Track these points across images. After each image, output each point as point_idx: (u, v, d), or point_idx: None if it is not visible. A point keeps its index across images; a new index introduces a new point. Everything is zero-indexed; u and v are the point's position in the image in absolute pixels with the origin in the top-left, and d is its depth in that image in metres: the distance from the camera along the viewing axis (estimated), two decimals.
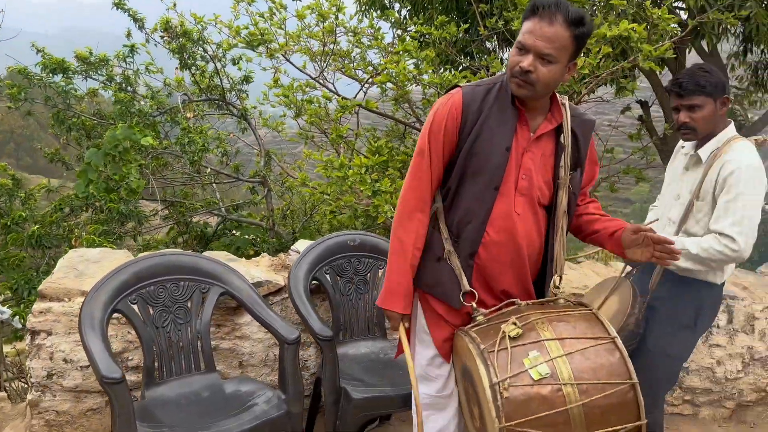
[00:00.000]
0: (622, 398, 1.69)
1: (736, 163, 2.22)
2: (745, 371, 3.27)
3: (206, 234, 6.49)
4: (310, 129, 5.99)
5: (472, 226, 1.91)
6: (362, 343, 2.75)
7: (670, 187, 2.54)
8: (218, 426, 2.05)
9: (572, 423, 1.66)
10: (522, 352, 1.73)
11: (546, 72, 1.76)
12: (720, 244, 2.23)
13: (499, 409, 1.67)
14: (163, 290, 2.32)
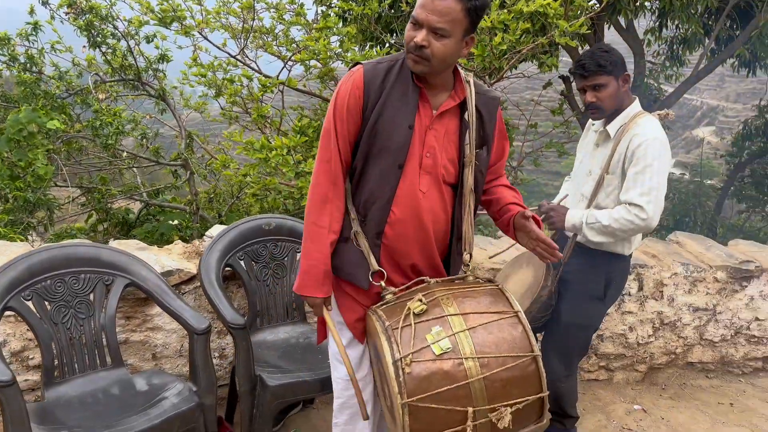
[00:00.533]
0: (524, 371, 1.71)
1: (643, 137, 2.30)
2: (656, 336, 3.41)
3: (128, 221, 6.23)
4: (232, 109, 5.81)
5: (377, 205, 1.88)
6: (281, 329, 2.70)
7: (582, 164, 2.60)
8: (124, 423, 1.96)
9: (473, 397, 1.67)
10: (425, 328, 1.73)
11: (440, 46, 1.73)
12: (630, 214, 2.31)
13: (401, 385, 1.66)
14: (62, 284, 2.19)
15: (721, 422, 3.11)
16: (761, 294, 3.52)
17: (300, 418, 2.84)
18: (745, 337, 3.56)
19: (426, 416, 1.69)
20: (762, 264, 3.51)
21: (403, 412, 1.67)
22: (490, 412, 1.69)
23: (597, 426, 2.98)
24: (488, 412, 1.69)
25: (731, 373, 3.61)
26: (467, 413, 1.68)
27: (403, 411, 1.67)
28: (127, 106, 6.21)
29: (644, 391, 3.36)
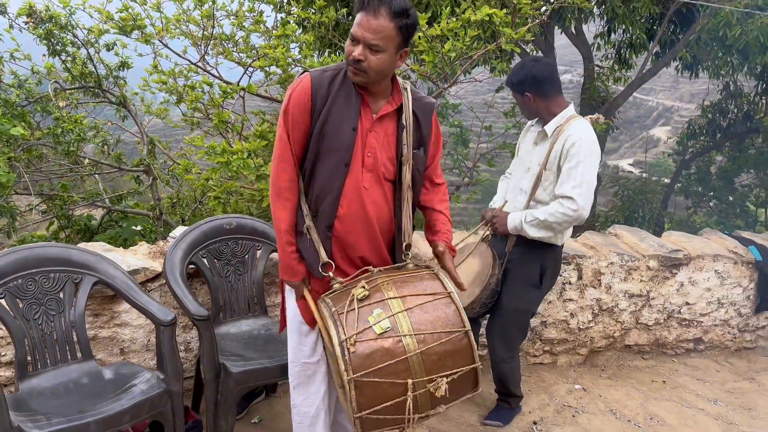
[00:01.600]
0: (457, 344, 1.92)
1: (576, 137, 2.60)
2: (595, 321, 3.68)
3: (91, 227, 6.29)
4: (194, 115, 5.93)
5: (327, 200, 2.08)
6: (243, 322, 2.87)
7: (522, 160, 2.87)
8: (96, 409, 2.11)
9: (412, 369, 1.87)
10: (368, 311, 1.93)
11: (376, 60, 1.94)
12: (563, 207, 2.60)
13: (347, 363, 1.86)
14: (33, 283, 2.33)
15: (654, 398, 3.39)
16: (690, 280, 3.82)
17: (263, 406, 3.01)
18: (677, 321, 3.86)
19: (371, 390, 1.89)
20: (690, 252, 3.81)
21: (349, 387, 1.87)
22: (428, 383, 1.90)
23: (540, 404, 3.22)
24: (426, 383, 1.90)
25: (665, 354, 3.90)
26: (407, 385, 1.89)
27: (349, 386, 1.87)
28: (88, 114, 6.28)
29: (585, 373, 3.62)
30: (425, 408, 1.95)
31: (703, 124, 9.43)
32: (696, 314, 3.88)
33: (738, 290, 3.93)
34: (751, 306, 3.99)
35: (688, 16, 8.00)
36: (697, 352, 3.97)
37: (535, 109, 2.72)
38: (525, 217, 2.71)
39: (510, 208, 2.85)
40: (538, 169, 2.73)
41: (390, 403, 1.91)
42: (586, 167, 2.60)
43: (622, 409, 3.24)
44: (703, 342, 3.96)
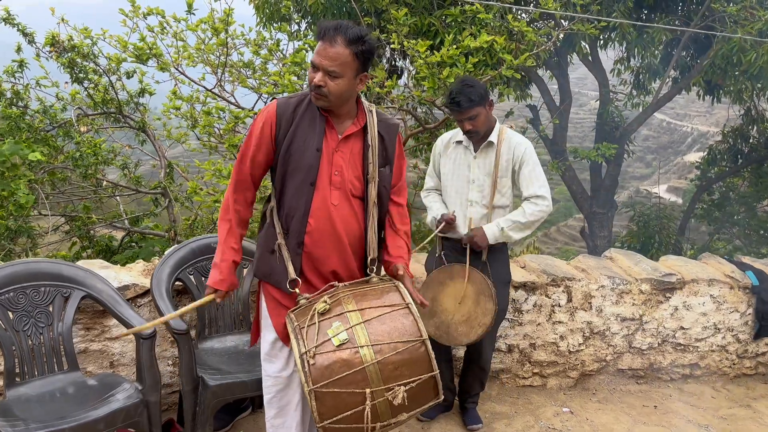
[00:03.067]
0: (414, 354, 1.98)
1: (524, 144, 2.90)
2: (586, 344, 3.68)
3: (111, 247, 6.51)
4: (210, 140, 6.14)
5: (296, 218, 2.19)
6: (229, 337, 2.97)
7: (457, 175, 3.00)
8: (74, 417, 2.21)
9: (370, 379, 1.94)
10: (327, 324, 2.01)
11: (335, 86, 2.06)
12: (537, 206, 2.84)
13: (307, 374, 1.94)
14: (23, 296, 2.47)
15: (642, 422, 3.36)
16: (684, 304, 3.79)
17: (248, 421, 3.08)
18: (672, 345, 3.83)
19: (330, 399, 1.95)
20: (684, 277, 3.79)
21: (310, 397, 1.94)
22: (386, 392, 1.96)
23: (524, 426, 3.22)
24: (384, 392, 1.96)
25: (660, 379, 3.86)
26: (365, 394, 1.95)
27: (310, 396, 1.94)
28: (109, 138, 6.54)
29: (575, 396, 3.61)
30: (386, 416, 2.00)
31: (724, 150, 9.31)
32: (691, 339, 3.84)
33: (735, 315, 3.88)
34: (750, 332, 3.93)
35: (704, 41, 7.99)
36: (694, 377, 3.92)
37: (485, 120, 2.86)
38: (503, 224, 2.87)
39: (463, 221, 2.96)
40: (487, 179, 2.92)
41: (350, 412, 1.97)
42: (540, 167, 2.91)
43: None
44: (700, 367, 3.91)
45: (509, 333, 3.55)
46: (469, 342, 2.85)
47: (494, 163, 2.88)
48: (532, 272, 3.64)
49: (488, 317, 2.79)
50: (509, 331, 3.54)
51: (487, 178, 2.92)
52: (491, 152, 2.90)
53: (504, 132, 2.92)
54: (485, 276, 2.86)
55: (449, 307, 2.90)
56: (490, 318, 2.79)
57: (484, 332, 2.81)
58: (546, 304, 3.57)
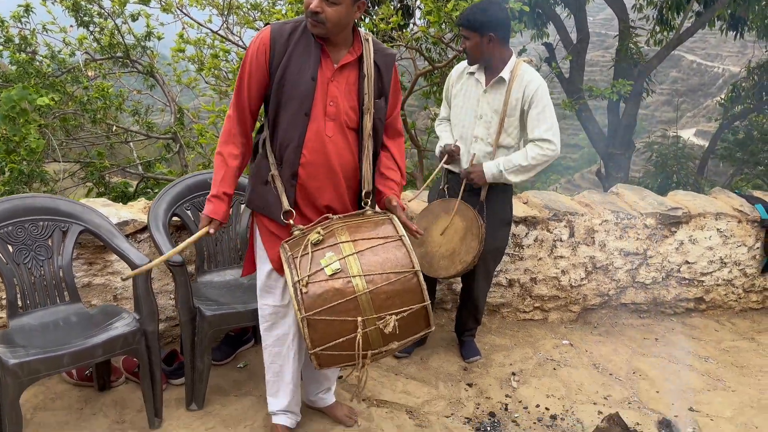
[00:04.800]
0: (406, 284, 1.99)
1: (537, 83, 2.71)
2: (588, 278, 3.67)
3: (127, 193, 6.60)
4: (217, 83, 6.11)
5: (290, 149, 2.17)
6: (228, 272, 3.01)
7: (465, 109, 2.90)
8: (72, 343, 2.29)
9: (362, 308, 1.96)
10: (320, 254, 2.02)
11: (332, 12, 2.01)
12: (542, 149, 2.72)
13: (300, 302, 1.96)
14: (22, 230, 2.52)
15: (642, 354, 3.37)
16: (690, 239, 3.74)
17: (251, 353, 3.16)
18: (676, 280, 3.80)
19: (322, 327, 1.99)
20: (691, 211, 3.73)
21: (303, 324, 1.98)
22: (378, 321, 1.98)
23: (523, 357, 3.26)
24: (376, 321, 1.98)
25: (664, 313, 3.86)
26: (357, 322, 1.98)
27: (302, 324, 1.98)
28: (117, 82, 6.54)
29: (576, 329, 3.63)
30: (377, 344, 2.03)
31: (748, 87, 9.00)
32: (697, 273, 3.80)
33: (743, 249, 3.82)
34: (758, 266, 3.87)
35: None
36: (699, 311, 3.90)
37: (488, 53, 2.74)
38: (502, 165, 2.78)
39: (466, 156, 2.89)
40: (495, 116, 2.81)
41: (342, 340, 2.00)
42: (551, 109, 2.75)
43: (605, 364, 3.24)
44: (705, 302, 3.88)
45: (510, 268, 3.55)
46: (447, 276, 2.85)
47: (503, 100, 2.76)
48: (534, 207, 3.61)
49: (470, 255, 2.78)
50: (509, 266, 3.54)
51: (495, 115, 2.81)
52: (502, 89, 2.77)
53: (519, 68, 2.76)
54: (478, 215, 2.82)
55: (436, 239, 2.90)
56: (471, 256, 2.78)
57: (463, 269, 2.80)
58: (547, 239, 3.55)
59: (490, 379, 3.04)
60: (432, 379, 3.02)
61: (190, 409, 2.66)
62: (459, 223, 2.89)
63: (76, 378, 2.79)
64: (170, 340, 3.14)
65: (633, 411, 2.84)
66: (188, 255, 3.07)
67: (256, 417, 2.63)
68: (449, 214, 2.91)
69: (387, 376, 2.99)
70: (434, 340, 3.33)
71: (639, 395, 2.97)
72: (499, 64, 2.76)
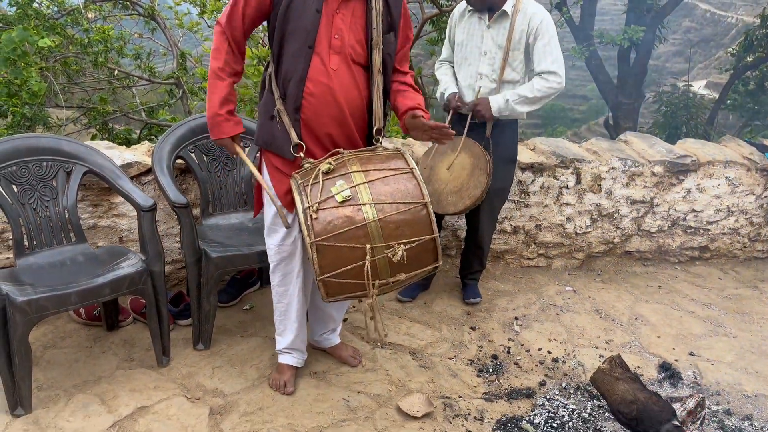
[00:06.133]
0: (416, 215, 1.99)
1: (541, 14, 2.69)
2: (594, 226, 3.66)
3: (131, 140, 6.55)
4: None
5: (293, 82, 2.13)
6: (233, 215, 3.01)
7: (468, 47, 2.87)
8: (79, 282, 2.31)
9: (371, 236, 1.96)
10: (331, 183, 2.02)
11: None
12: (549, 82, 2.71)
13: (309, 228, 1.97)
14: (26, 170, 2.51)
15: (644, 300, 3.39)
16: (698, 187, 3.72)
17: (257, 295, 3.19)
18: (682, 228, 3.79)
19: (331, 253, 1.99)
20: (700, 159, 3.69)
21: (312, 250, 1.98)
22: (386, 249, 1.98)
23: (526, 302, 3.28)
24: (384, 249, 1.98)
25: (668, 262, 3.86)
26: (365, 249, 1.98)
27: (311, 249, 1.98)
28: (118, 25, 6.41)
29: (580, 276, 3.64)
30: (385, 274, 2.03)
31: (762, 35, 8.76)
32: (702, 222, 3.79)
33: (750, 198, 3.80)
34: (765, 215, 3.85)
35: None
36: (703, 260, 3.90)
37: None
38: (509, 97, 2.77)
39: (470, 93, 2.89)
40: (498, 52, 2.79)
41: (350, 267, 2.00)
42: (556, 42, 2.74)
43: (608, 310, 3.27)
44: (710, 250, 3.89)
45: (515, 215, 3.54)
46: (456, 211, 2.84)
47: (507, 35, 2.74)
48: (541, 154, 3.58)
49: (478, 189, 2.77)
50: (515, 212, 3.53)
51: (498, 50, 2.79)
52: (505, 23, 2.76)
53: (521, 1, 2.74)
54: (485, 151, 2.81)
55: (443, 176, 2.89)
56: (480, 190, 2.77)
57: (472, 204, 2.80)
58: (554, 185, 3.53)
59: (493, 323, 3.07)
60: (435, 322, 3.05)
61: (197, 348, 2.71)
62: (466, 159, 2.88)
63: (84, 317, 2.83)
64: (176, 283, 3.16)
65: (634, 355, 2.87)
66: (193, 198, 3.07)
67: (262, 357, 2.67)
68: (455, 151, 2.90)
69: (391, 319, 3.02)
70: (438, 285, 3.35)
71: (640, 340, 3.00)
72: (501, 1, 2.74)
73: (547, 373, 2.70)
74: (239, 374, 2.55)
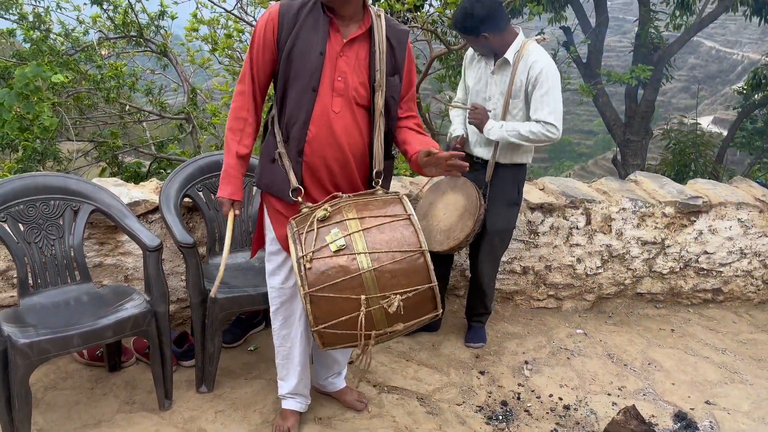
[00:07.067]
0: (412, 264, 1.94)
1: (542, 63, 2.67)
2: (604, 267, 3.61)
3: (140, 173, 6.58)
4: (231, 64, 6.05)
5: (297, 125, 2.13)
6: (240, 254, 2.98)
7: (476, 91, 2.92)
8: (82, 323, 2.27)
9: (366, 285, 1.92)
10: (326, 231, 1.99)
11: None
12: (544, 129, 2.72)
13: (303, 278, 1.93)
14: (34, 209, 2.50)
15: (657, 345, 3.32)
16: (710, 228, 3.67)
17: (261, 336, 3.15)
18: (694, 270, 3.73)
19: (325, 304, 1.95)
20: (711, 200, 3.65)
21: (305, 301, 1.95)
22: (382, 299, 1.94)
23: (536, 346, 3.22)
24: (380, 300, 1.94)
25: (680, 304, 3.79)
26: (360, 300, 1.94)
27: (305, 300, 1.94)
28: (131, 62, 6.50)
29: (590, 318, 3.58)
30: (381, 325, 1.98)
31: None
32: (715, 264, 3.73)
33: (763, 240, 3.74)
34: None
35: None
36: (716, 303, 3.83)
37: (489, 47, 2.76)
38: (504, 126, 2.79)
39: (474, 137, 2.94)
40: (501, 98, 2.81)
41: (345, 318, 1.96)
42: (556, 92, 2.72)
43: (620, 354, 3.19)
44: (723, 293, 3.82)
45: (524, 255, 3.50)
46: (441, 250, 2.83)
47: (509, 82, 2.76)
48: (551, 194, 3.55)
49: (463, 233, 2.78)
50: (524, 252, 3.49)
51: (501, 97, 2.82)
52: (507, 70, 2.78)
53: (525, 48, 2.73)
54: (480, 195, 2.82)
55: (438, 214, 2.92)
56: (464, 234, 2.78)
57: (457, 245, 2.80)
58: (563, 226, 3.49)
59: (503, 367, 3.01)
60: (444, 366, 2.98)
61: (200, 391, 2.65)
62: (461, 201, 2.88)
63: (86, 358, 2.79)
64: (181, 322, 3.12)
65: (648, 403, 2.79)
66: (199, 236, 3.05)
67: (266, 401, 2.61)
68: (454, 190, 2.93)
69: (398, 362, 2.96)
70: (446, 326, 3.30)
71: (654, 387, 2.92)
72: (503, 48, 2.76)
73: (559, 422, 2.63)
74: (242, 419, 2.49)
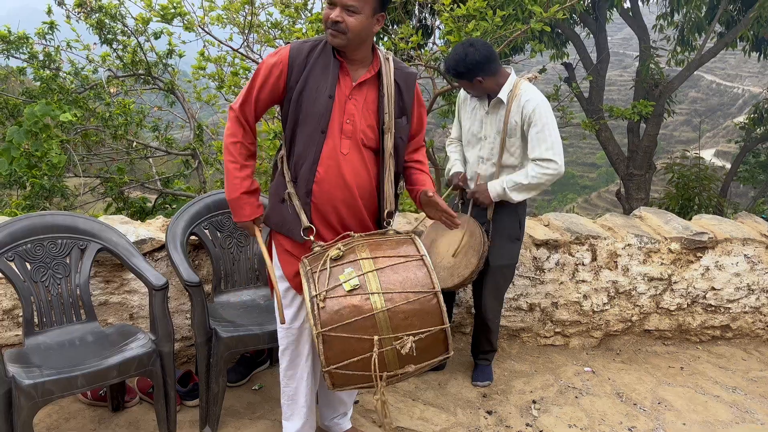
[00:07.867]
0: (425, 305, 1.94)
1: (534, 102, 2.72)
2: (611, 304, 3.58)
3: (145, 209, 6.62)
4: None
5: (305, 166, 2.15)
6: (245, 292, 2.98)
7: (471, 131, 2.96)
8: (87, 364, 2.26)
9: (379, 326, 1.91)
10: (339, 270, 1.99)
11: (353, 21, 2.00)
12: (543, 168, 2.73)
13: (316, 318, 1.92)
14: (41, 248, 2.51)
15: (667, 383, 3.27)
16: (717, 264, 3.65)
17: (266, 374, 3.12)
18: (702, 306, 3.70)
19: (338, 344, 1.94)
20: (717, 236, 3.64)
21: (318, 340, 1.94)
22: (395, 341, 1.93)
23: (543, 384, 3.17)
24: (393, 341, 1.93)
25: (689, 341, 3.75)
26: (373, 341, 1.93)
27: (318, 340, 1.94)
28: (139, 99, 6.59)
29: (598, 356, 3.54)
30: (393, 366, 1.97)
31: None
32: (723, 300, 3.70)
33: None
34: None
35: None
36: (725, 339, 3.79)
37: (483, 90, 2.81)
38: (506, 183, 2.80)
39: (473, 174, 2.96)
40: (497, 137, 2.85)
41: (357, 359, 1.95)
42: (551, 127, 2.74)
43: (629, 393, 3.15)
44: (731, 329, 3.78)
45: (530, 291, 3.48)
46: (444, 287, 2.81)
47: (503, 121, 2.81)
48: (556, 230, 3.55)
49: (468, 270, 2.79)
50: (530, 289, 3.48)
51: (497, 136, 2.86)
52: (501, 110, 2.82)
53: (518, 87, 2.78)
54: (483, 233, 2.84)
55: (442, 250, 2.92)
56: (469, 271, 2.78)
57: (461, 283, 2.80)
58: (569, 262, 3.48)
59: (510, 407, 2.97)
60: (450, 405, 2.95)
61: (203, 431, 2.62)
62: (464, 238, 2.89)
63: (90, 397, 2.77)
64: (185, 360, 3.10)
65: None
66: (205, 274, 3.05)
67: None
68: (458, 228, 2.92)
69: (404, 402, 2.93)
70: (453, 365, 3.26)
71: (665, 427, 2.88)
72: (497, 89, 2.81)
73: None
74: None
